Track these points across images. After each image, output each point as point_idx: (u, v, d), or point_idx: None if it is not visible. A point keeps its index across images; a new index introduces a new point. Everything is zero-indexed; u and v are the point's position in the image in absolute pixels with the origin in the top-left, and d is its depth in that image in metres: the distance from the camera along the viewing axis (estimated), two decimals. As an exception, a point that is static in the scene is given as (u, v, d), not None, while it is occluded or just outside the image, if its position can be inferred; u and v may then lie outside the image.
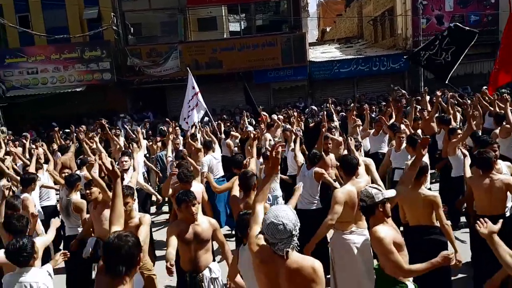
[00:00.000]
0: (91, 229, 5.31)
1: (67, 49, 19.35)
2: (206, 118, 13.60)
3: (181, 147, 9.60)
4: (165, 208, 9.19)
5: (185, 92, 11.95)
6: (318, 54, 23.14)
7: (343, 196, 4.33)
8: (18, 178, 6.69)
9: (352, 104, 14.87)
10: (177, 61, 19.55)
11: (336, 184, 5.62)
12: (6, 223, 4.01)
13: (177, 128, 11.45)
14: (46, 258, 4.14)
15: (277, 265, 2.59)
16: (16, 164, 9.68)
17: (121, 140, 12.09)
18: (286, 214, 2.55)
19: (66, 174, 6.98)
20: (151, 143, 11.72)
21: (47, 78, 19.42)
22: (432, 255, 3.23)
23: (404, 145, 6.95)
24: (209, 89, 17.51)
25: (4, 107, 17.98)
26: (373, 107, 14.11)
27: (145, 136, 12.65)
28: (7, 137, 14.66)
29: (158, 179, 10.43)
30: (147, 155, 11.14)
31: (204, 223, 3.93)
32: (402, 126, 8.47)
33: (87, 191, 5.11)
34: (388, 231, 3.30)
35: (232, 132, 10.86)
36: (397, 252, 3.20)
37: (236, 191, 4.69)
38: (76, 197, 5.72)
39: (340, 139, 8.90)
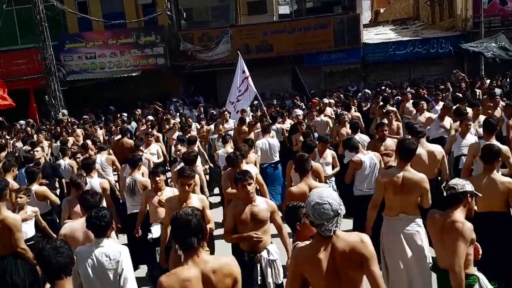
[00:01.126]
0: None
1: (123, 35, 19.92)
2: (255, 102, 13.57)
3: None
4: (216, 190, 9.33)
5: (235, 76, 11.96)
6: (372, 36, 22.41)
7: (382, 181, 4.27)
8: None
9: (408, 88, 14.39)
10: (228, 45, 19.64)
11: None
12: (81, 199, 4.19)
13: (227, 113, 11.57)
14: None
15: (326, 249, 2.57)
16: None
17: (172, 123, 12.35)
18: (330, 194, 2.56)
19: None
20: (200, 127, 11.84)
21: (105, 63, 20.13)
22: (504, 242, 3.06)
23: (472, 131, 6.64)
24: (259, 73, 17.48)
25: (65, 90, 18.83)
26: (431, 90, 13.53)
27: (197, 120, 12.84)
28: (70, 120, 15.34)
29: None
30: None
31: (261, 204, 3.92)
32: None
33: (157, 178, 5.27)
34: (470, 225, 3.19)
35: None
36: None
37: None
38: (139, 176, 5.98)
39: (396, 124, 8.63)
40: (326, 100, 13.45)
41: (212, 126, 11.28)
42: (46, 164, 7.88)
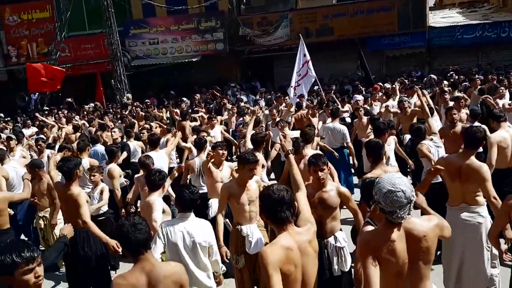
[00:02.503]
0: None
1: (184, 20, 20.30)
2: (316, 87, 13.38)
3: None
4: (272, 175, 9.35)
5: (296, 60, 11.82)
6: (437, 19, 21.35)
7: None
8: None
9: (476, 75, 13.60)
10: (287, 30, 19.47)
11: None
12: (147, 178, 4.41)
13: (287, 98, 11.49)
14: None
15: (399, 234, 2.52)
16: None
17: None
18: (402, 181, 2.48)
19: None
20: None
21: (167, 48, 20.65)
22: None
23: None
24: (318, 57, 17.14)
25: (129, 75, 19.55)
26: (501, 77, 12.71)
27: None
28: (135, 104, 15.88)
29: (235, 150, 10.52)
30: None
31: (332, 190, 3.88)
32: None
33: (219, 151, 5.39)
34: None
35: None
36: None
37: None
38: (204, 157, 6.13)
39: (464, 112, 8.18)
40: (388, 85, 13.03)
41: (267, 112, 11.29)
42: (121, 144, 8.25)
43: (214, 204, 5.23)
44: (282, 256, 2.47)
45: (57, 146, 8.36)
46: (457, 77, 14.05)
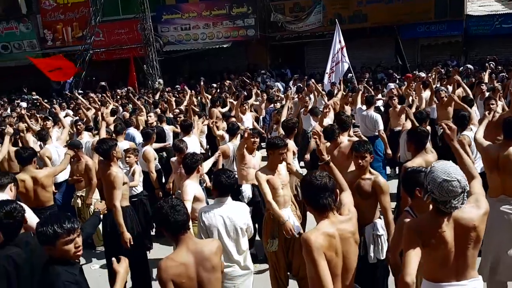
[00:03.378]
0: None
1: (216, 6, 20.32)
2: (349, 75, 13.20)
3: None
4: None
5: (331, 46, 11.68)
6: (475, 7, 20.63)
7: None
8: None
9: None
10: (319, 16, 19.22)
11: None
12: (182, 162, 4.53)
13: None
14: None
15: (449, 223, 2.49)
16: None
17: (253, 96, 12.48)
18: (456, 170, 2.44)
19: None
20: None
21: (198, 34, 20.75)
22: None
23: None
24: (349, 44, 16.77)
25: (161, 60, 19.77)
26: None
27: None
28: (167, 89, 16.05)
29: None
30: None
31: (369, 179, 3.84)
32: None
33: (252, 140, 5.37)
34: None
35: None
36: None
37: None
38: (237, 143, 6.19)
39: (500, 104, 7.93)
40: (422, 74, 12.74)
41: (297, 99, 11.21)
42: (158, 128, 8.40)
43: (246, 190, 5.29)
44: (325, 242, 2.48)
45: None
46: (494, 67, 13.60)
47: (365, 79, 13.61)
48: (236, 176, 3.90)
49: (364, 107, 8.26)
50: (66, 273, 2.46)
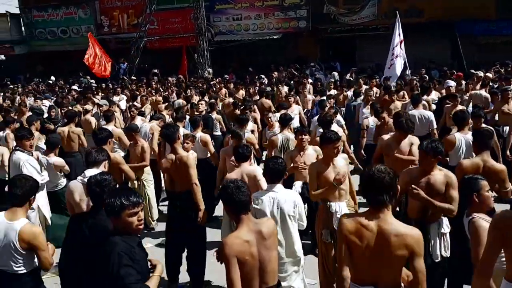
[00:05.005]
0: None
1: (269, -4, 20.33)
2: (408, 71, 12.80)
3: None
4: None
5: (392, 39, 11.48)
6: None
7: None
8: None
9: None
10: (373, 9, 18.82)
11: None
12: (235, 151, 4.67)
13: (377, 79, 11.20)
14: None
15: None
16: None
17: (309, 88, 12.43)
18: None
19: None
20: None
21: (249, 25, 20.86)
22: None
23: None
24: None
25: (211, 50, 20.05)
26: None
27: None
28: (217, 80, 16.25)
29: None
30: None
31: (439, 175, 3.79)
32: None
33: (302, 137, 5.46)
34: None
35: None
36: None
37: None
38: (290, 134, 6.27)
39: None
40: (480, 73, 12.23)
41: (349, 93, 11.08)
42: (205, 116, 8.61)
43: (297, 186, 5.35)
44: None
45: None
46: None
47: (417, 76, 13.25)
48: (284, 163, 3.92)
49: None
50: (123, 244, 2.60)
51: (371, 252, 2.56)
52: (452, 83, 10.12)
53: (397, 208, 4.20)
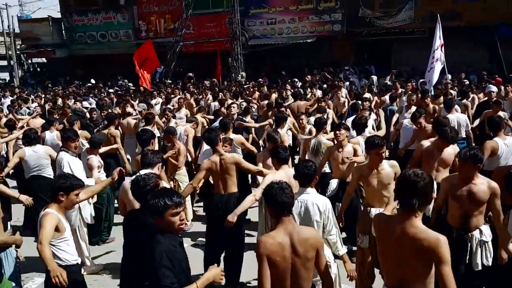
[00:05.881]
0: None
1: (303, 0, 20.30)
2: (449, 76, 12.52)
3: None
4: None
5: (433, 42, 11.28)
6: None
7: None
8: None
9: None
10: (410, 12, 18.52)
11: None
12: (274, 152, 4.60)
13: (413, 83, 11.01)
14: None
15: None
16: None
17: (344, 92, 12.32)
18: None
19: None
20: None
21: (283, 29, 20.91)
22: None
23: None
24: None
25: (245, 54, 20.20)
26: None
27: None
28: (251, 84, 16.33)
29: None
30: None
31: (482, 184, 3.72)
32: None
33: (337, 132, 5.50)
34: None
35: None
36: None
37: None
38: (324, 138, 6.27)
39: None
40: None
41: (387, 97, 10.91)
42: (237, 119, 8.70)
43: (333, 184, 5.35)
44: None
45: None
46: None
47: (452, 81, 12.96)
48: (314, 167, 3.88)
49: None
50: (166, 243, 2.67)
51: (396, 255, 2.58)
52: (494, 89, 9.86)
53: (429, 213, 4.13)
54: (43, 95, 16.51)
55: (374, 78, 16.77)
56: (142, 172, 4.02)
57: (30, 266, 4.47)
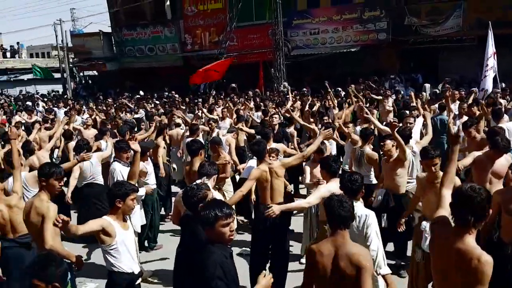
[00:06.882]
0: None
1: (347, 10, 20.21)
2: (502, 84, 12.09)
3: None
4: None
5: (486, 50, 11.02)
6: None
7: None
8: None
9: None
10: (458, 20, 18.00)
11: None
12: (323, 163, 4.65)
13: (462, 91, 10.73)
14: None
15: None
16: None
17: (390, 102, 12.10)
18: None
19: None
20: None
21: (326, 38, 20.87)
22: None
23: None
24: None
25: (288, 64, 20.29)
26: None
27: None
28: (293, 93, 16.36)
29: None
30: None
31: None
32: None
33: (382, 143, 5.48)
34: None
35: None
36: None
37: None
38: (368, 149, 6.23)
39: None
40: None
41: (436, 106, 10.63)
42: (278, 130, 8.75)
43: (379, 193, 5.33)
44: None
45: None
46: None
47: (506, 91, 12.44)
48: (360, 180, 3.84)
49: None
50: (218, 253, 2.74)
51: (443, 268, 2.56)
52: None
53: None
54: (94, 107, 17.24)
55: (427, 85, 16.37)
56: (198, 181, 4.15)
57: (82, 271, 4.66)
